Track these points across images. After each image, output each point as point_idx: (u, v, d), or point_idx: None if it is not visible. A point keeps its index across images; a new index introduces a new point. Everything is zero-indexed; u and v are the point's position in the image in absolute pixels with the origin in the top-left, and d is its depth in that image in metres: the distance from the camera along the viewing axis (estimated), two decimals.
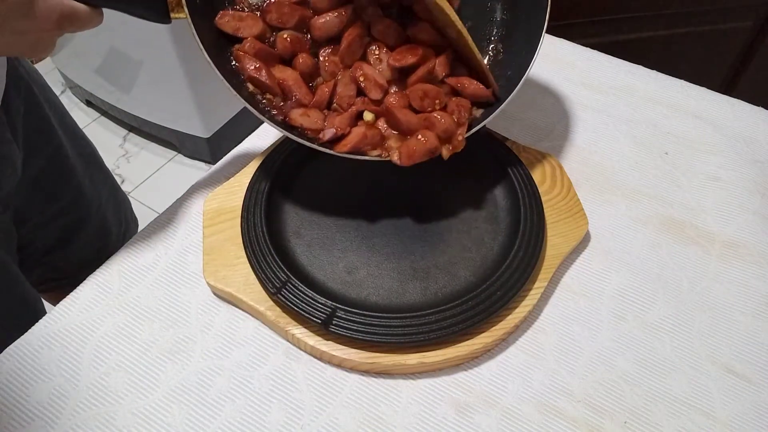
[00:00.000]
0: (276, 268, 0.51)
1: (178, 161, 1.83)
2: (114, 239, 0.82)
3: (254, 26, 0.53)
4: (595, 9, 1.22)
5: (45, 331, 0.51)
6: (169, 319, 0.52)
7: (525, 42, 0.54)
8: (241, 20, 0.53)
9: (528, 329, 0.52)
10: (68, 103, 1.98)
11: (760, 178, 0.64)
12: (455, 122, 0.53)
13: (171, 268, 0.56)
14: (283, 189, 0.59)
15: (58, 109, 0.71)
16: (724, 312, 0.53)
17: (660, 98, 0.74)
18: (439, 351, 0.48)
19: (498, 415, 0.47)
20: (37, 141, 0.66)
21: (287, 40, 0.54)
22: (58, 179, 0.71)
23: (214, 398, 0.47)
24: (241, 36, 0.53)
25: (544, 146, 0.67)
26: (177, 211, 0.60)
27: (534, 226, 0.54)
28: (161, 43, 1.42)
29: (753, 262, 0.57)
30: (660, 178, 0.64)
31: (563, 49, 0.81)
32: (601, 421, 0.46)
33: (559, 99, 0.74)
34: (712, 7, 1.24)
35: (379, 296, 0.52)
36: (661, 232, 0.59)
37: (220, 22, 0.53)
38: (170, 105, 1.62)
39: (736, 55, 1.34)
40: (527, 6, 0.55)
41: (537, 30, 0.52)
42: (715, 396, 0.48)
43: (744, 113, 0.72)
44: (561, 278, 0.55)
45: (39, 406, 0.47)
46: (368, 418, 0.46)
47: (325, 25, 0.53)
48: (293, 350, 0.50)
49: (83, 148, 0.76)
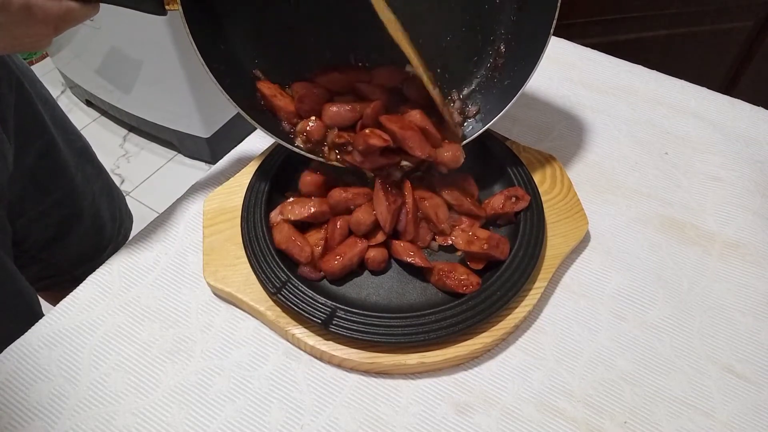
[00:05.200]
0: (276, 268, 0.51)
1: (178, 161, 1.83)
2: (109, 234, 0.82)
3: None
4: (595, 9, 1.22)
5: (45, 331, 0.51)
6: (169, 319, 0.52)
7: (528, 50, 0.54)
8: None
9: (528, 329, 0.52)
10: (68, 103, 1.98)
11: (760, 178, 0.64)
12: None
13: (171, 268, 0.56)
14: (283, 189, 0.59)
15: (49, 103, 0.72)
16: (724, 312, 0.53)
17: (660, 98, 0.74)
18: (439, 351, 0.48)
19: (498, 415, 0.47)
20: (28, 135, 0.66)
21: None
22: (51, 173, 0.71)
23: (214, 398, 0.47)
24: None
25: (544, 146, 0.67)
26: (177, 211, 0.60)
27: (534, 226, 0.54)
28: (161, 43, 1.42)
29: (753, 262, 0.57)
30: (660, 178, 0.64)
31: (563, 49, 0.81)
32: (601, 421, 0.46)
33: (559, 99, 0.74)
34: (712, 7, 1.24)
35: (379, 296, 0.52)
36: (661, 232, 0.59)
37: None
38: (170, 105, 1.62)
39: (736, 55, 1.34)
40: (535, 11, 0.54)
41: (542, 38, 0.52)
42: (715, 396, 0.48)
43: (744, 113, 0.72)
44: (561, 278, 0.55)
45: (39, 406, 0.47)
46: (368, 418, 0.46)
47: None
48: (293, 350, 0.50)
49: (75, 142, 0.76)
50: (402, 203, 0.54)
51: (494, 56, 0.58)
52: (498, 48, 0.57)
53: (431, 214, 0.54)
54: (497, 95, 0.57)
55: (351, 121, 0.55)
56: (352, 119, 0.55)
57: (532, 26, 0.53)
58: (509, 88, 0.55)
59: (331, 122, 0.55)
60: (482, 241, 0.52)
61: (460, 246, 0.53)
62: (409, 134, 0.52)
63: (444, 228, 0.54)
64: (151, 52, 1.50)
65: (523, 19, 0.55)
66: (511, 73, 0.56)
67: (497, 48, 0.57)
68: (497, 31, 0.56)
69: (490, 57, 0.58)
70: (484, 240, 0.52)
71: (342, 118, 0.55)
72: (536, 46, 0.52)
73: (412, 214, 0.54)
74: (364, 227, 0.53)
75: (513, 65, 0.56)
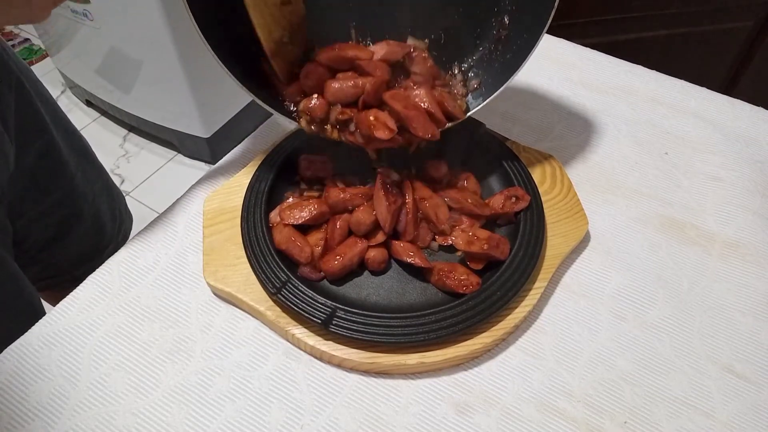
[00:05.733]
0: (276, 268, 0.51)
1: (178, 161, 1.83)
2: (109, 234, 0.82)
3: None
4: (595, 9, 1.22)
5: (45, 331, 0.51)
6: (169, 319, 0.52)
7: (531, 23, 0.53)
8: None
9: (528, 329, 0.52)
10: (68, 103, 1.98)
11: (760, 178, 0.64)
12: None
13: (171, 268, 0.56)
14: (283, 189, 0.59)
15: (49, 103, 0.72)
16: (724, 312, 0.53)
17: (660, 98, 0.74)
18: (439, 351, 0.48)
19: (498, 415, 0.47)
20: (28, 134, 0.66)
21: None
22: (51, 173, 0.71)
23: (214, 398, 0.47)
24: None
25: (544, 146, 0.67)
26: (177, 211, 0.60)
27: (534, 226, 0.54)
28: (161, 43, 1.42)
29: (753, 262, 0.57)
30: (660, 178, 0.64)
31: (563, 49, 0.81)
32: (601, 421, 0.46)
33: (559, 99, 0.74)
34: (712, 7, 1.24)
35: (379, 296, 0.52)
36: (661, 232, 0.59)
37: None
38: (170, 105, 1.62)
39: (736, 55, 1.34)
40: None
41: (546, 12, 0.51)
42: (715, 396, 0.48)
43: (744, 113, 0.72)
44: (561, 278, 0.55)
45: (39, 406, 0.47)
46: (368, 418, 0.46)
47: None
48: (293, 350, 0.50)
49: (75, 142, 0.76)
50: (402, 203, 0.54)
51: (498, 28, 0.57)
52: (502, 20, 0.57)
53: (431, 215, 0.54)
54: (499, 69, 0.57)
55: (354, 97, 0.54)
56: (354, 95, 0.54)
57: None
58: (511, 62, 0.55)
59: (333, 99, 0.54)
60: (482, 242, 0.52)
61: (460, 246, 0.53)
62: (413, 114, 0.52)
63: (444, 228, 0.54)
64: (151, 52, 1.50)
65: None
66: (514, 46, 0.56)
67: (501, 20, 0.57)
68: (502, 2, 0.56)
69: (494, 29, 0.58)
70: (484, 240, 0.52)
71: (345, 94, 0.54)
72: (540, 20, 0.52)
73: (412, 215, 0.54)
74: (364, 227, 0.53)
75: (516, 39, 0.56)
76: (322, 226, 0.55)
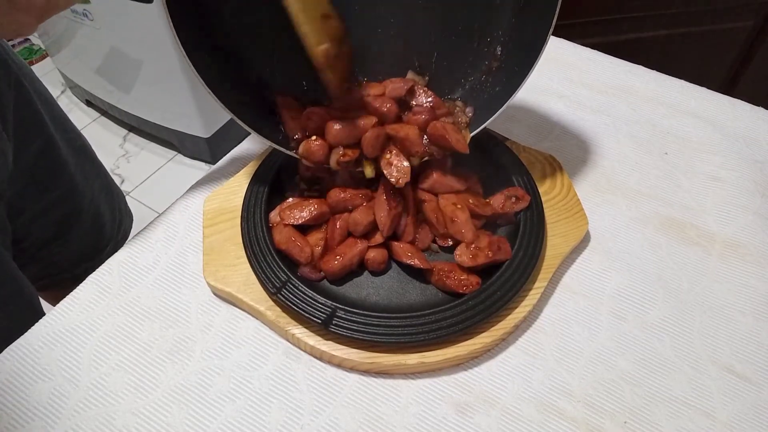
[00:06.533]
0: (276, 268, 0.51)
1: (178, 161, 1.83)
2: (108, 233, 0.82)
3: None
4: (595, 9, 1.22)
5: (45, 331, 0.51)
6: (169, 319, 0.52)
7: (523, 55, 0.53)
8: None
9: (528, 329, 0.52)
10: (68, 103, 1.98)
11: (760, 178, 0.64)
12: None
13: (171, 268, 0.56)
14: (282, 189, 0.59)
15: (48, 102, 0.72)
16: (724, 312, 0.53)
17: (660, 98, 0.74)
18: (439, 351, 0.48)
19: (498, 415, 0.47)
20: (27, 133, 0.66)
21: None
22: (50, 171, 0.71)
23: (214, 398, 0.47)
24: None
25: (544, 146, 0.67)
26: (177, 211, 0.60)
27: (534, 226, 0.54)
28: (161, 43, 1.42)
29: (753, 262, 0.57)
30: (660, 178, 0.64)
31: (563, 49, 0.81)
32: (601, 421, 0.46)
33: (559, 99, 0.74)
34: (712, 7, 1.24)
35: (379, 296, 0.52)
36: (661, 232, 0.59)
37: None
38: (170, 105, 1.62)
39: (736, 55, 1.34)
40: (535, 14, 0.53)
41: (539, 43, 0.51)
42: (715, 396, 0.48)
43: (744, 113, 0.72)
44: (561, 278, 0.55)
45: (39, 406, 0.47)
46: (368, 418, 0.46)
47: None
48: (293, 350, 0.50)
49: (74, 141, 0.76)
50: (403, 210, 0.54)
51: (489, 59, 0.57)
52: (494, 51, 0.57)
53: (432, 218, 0.54)
54: (487, 101, 0.56)
55: (356, 139, 0.54)
56: (356, 137, 0.54)
57: (530, 30, 0.52)
58: (500, 94, 0.54)
59: (335, 141, 0.54)
60: (485, 250, 0.52)
61: (466, 264, 0.52)
62: (441, 130, 0.53)
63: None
64: (151, 52, 1.50)
65: (523, 22, 0.54)
66: (503, 79, 0.55)
67: (493, 50, 0.57)
68: (495, 32, 0.56)
69: (485, 59, 0.57)
70: (486, 248, 0.52)
71: (347, 136, 0.53)
72: (532, 52, 0.51)
73: (412, 217, 0.54)
74: (361, 227, 0.53)
75: (506, 71, 0.55)
76: (322, 226, 0.55)
